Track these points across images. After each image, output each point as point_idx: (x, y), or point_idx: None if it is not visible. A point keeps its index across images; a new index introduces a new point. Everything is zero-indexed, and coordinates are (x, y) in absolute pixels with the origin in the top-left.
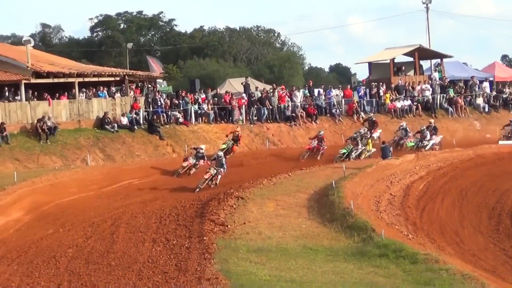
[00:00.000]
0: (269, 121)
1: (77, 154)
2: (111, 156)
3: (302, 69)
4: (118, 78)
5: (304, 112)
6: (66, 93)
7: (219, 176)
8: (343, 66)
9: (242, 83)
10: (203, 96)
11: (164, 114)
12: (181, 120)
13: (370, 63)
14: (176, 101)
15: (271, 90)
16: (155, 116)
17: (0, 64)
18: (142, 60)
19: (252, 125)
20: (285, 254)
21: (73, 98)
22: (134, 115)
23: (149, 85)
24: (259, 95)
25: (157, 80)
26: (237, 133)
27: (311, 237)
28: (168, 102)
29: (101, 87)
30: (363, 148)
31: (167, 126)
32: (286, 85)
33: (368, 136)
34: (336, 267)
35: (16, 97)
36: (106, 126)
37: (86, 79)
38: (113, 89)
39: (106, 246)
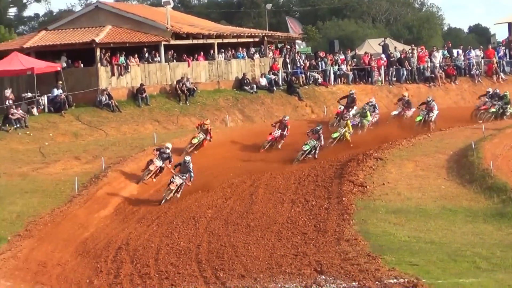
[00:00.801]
0: (408, 81)
1: (216, 115)
2: (250, 117)
3: (441, 30)
4: (257, 39)
5: (443, 73)
6: (203, 54)
7: (183, 186)
8: (482, 27)
9: (380, 44)
10: (342, 57)
11: (303, 75)
12: (320, 81)
13: (510, 24)
14: (315, 62)
15: (410, 51)
16: (294, 77)
17: (139, 25)
18: (281, 21)
19: (391, 86)
20: (424, 215)
21: (212, 59)
22: (273, 76)
23: (288, 46)
24: (398, 55)
25: (296, 41)
26: (205, 126)
27: (450, 198)
28: (307, 63)
29: (240, 48)
30: (344, 131)
31: (306, 87)
32: (425, 46)
33: (347, 118)
34: (475, 228)
35: (155, 59)
36: (245, 87)
37: (225, 40)
38: (252, 50)
39: (245, 207)
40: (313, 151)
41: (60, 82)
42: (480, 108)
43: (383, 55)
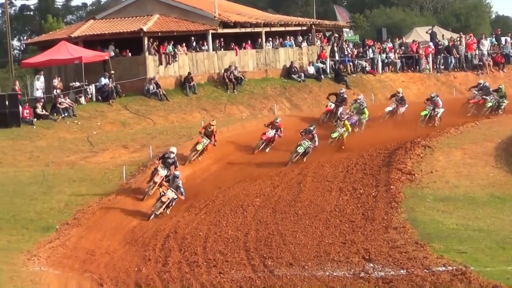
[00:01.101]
0: (456, 69)
1: (264, 104)
2: (298, 105)
3: (489, 18)
4: (304, 28)
5: (491, 61)
6: (251, 42)
7: (175, 201)
8: None
9: (427, 32)
10: (390, 45)
11: (351, 63)
12: (368, 69)
13: None
14: (363, 50)
15: (458, 39)
16: (341, 65)
17: (187, 14)
18: (328, 10)
19: (439, 74)
20: (473, 203)
21: (260, 47)
22: (321, 65)
23: (336, 35)
24: (446, 43)
25: (344, 29)
26: (212, 127)
27: (499, 185)
28: (355, 51)
29: (288, 37)
30: (342, 131)
31: (354, 75)
32: (473, 34)
33: (345, 118)
34: None
35: (203, 47)
36: (293, 76)
37: (273, 29)
38: (300, 38)
39: (293, 195)
40: (306, 154)
41: (113, 72)
42: (469, 101)
43: (431, 43)
